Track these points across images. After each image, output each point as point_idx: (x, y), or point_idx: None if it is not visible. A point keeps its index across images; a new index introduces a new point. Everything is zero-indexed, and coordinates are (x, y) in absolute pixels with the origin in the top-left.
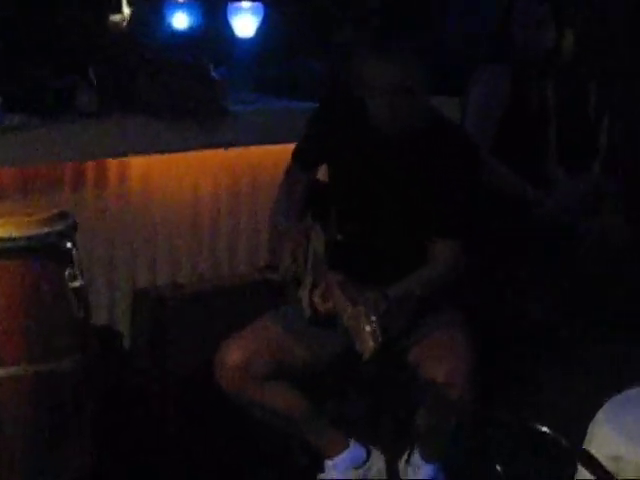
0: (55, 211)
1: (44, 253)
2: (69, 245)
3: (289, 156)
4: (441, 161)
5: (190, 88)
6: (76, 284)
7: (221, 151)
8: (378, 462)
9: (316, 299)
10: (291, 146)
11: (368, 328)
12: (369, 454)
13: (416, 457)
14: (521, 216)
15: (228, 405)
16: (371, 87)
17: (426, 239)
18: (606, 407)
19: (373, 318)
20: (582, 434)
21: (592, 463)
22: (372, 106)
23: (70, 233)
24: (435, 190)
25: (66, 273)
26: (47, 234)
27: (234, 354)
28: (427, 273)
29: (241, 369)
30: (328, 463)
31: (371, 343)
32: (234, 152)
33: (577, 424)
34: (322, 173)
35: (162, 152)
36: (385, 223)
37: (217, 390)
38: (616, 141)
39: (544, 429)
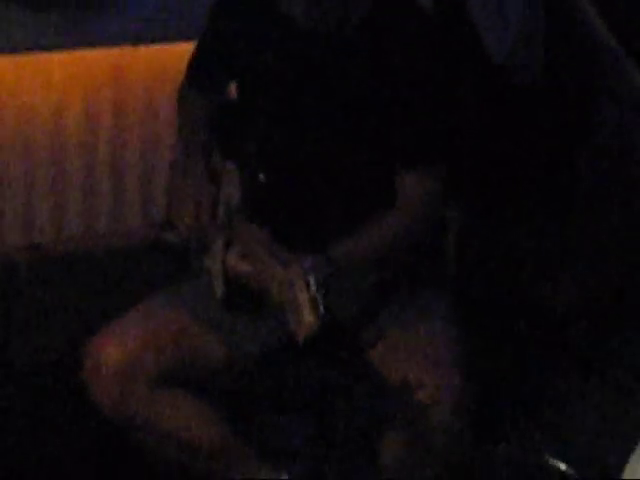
0: None
1: None
2: None
3: None
4: (399, 55)
5: None
6: None
7: (101, 51)
8: None
9: (232, 262)
10: None
11: (305, 296)
12: None
13: None
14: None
15: (100, 421)
16: None
17: (385, 173)
18: None
19: (312, 283)
20: (616, 471)
21: None
22: None
23: None
24: (392, 98)
25: None
26: None
27: (112, 349)
28: (386, 221)
29: (122, 372)
30: None
31: (309, 318)
32: (118, 52)
33: (609, 457)
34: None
35: (17, 53)
36: (324, 153)
37: (84, 399)
38: None
39: (564, 467)
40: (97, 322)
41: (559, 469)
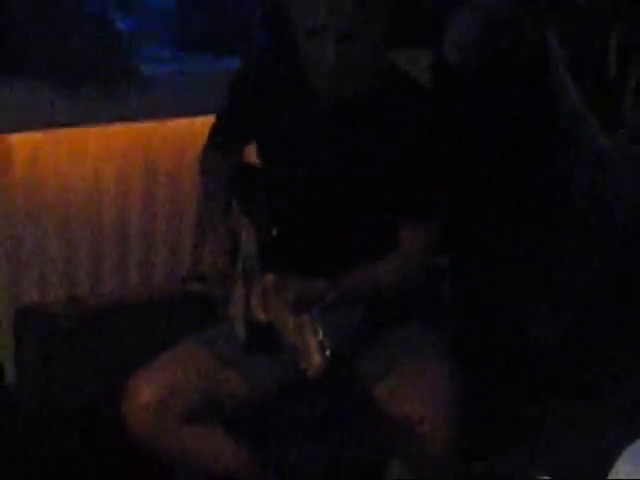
0: None
1: None
2: None
3: None
4: (401, 127)
5: (89, 45)
6: None
7: (130, 125)
8: None
9: (253, 313)
10: None
11: (313, 339)
12: None
13: None
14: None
15: (140, 456)
16: (310, 31)
17: (387, 227)
18: (627, 455)
19: (319, 330)
20: None
21: None
22: (310, 58)
23: None
24: (395, 164)
25: None
26: None
27: (147, 388)
28: (385, 263)
29: (157, 408)
30: None
31: (317, 357)
32: (147, 126)
33: (591, 470)
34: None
35: (54, 127)
36: (333, 212)
37: (124, 435)
38: None
39: None
40: (132, 366)
41: None
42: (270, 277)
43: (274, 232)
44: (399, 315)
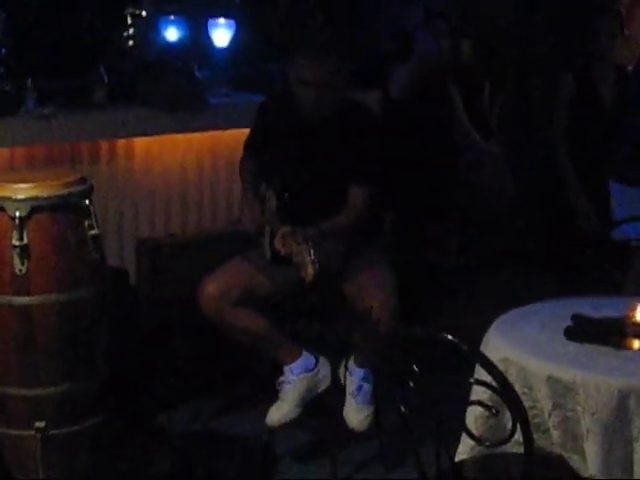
0: (76, 176)
1: (68, 208)
2: (87, 202)
3: None
4: (352, 132)
5: (179, 85)
6: (93, 232)
7: (202, 133)
8: (325, 367)
9: (275, 244)
10: None
11: (308, 258)
12: (318, 361)
13: (352, 364)
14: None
15: (210, 326)
16: (300, 81)
17: (345, 189)
18: (497, 322)
19: (312, 252)
20: (480, 343)
21: (487, 363)
22: (299, 96)
23: (88, 193)
24: (348, 154)
25: (85, 224)
26: (70, 194)
27: (211, 286)
28: (345, 213)
29: (217, 297)
30: (285, 369)
31: (311, 270)
32: (213, 134)
33: (476, 337)
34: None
35: (158, 134)
36: (315, 183)
37: (200, 314)
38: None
39: (449, 337)
40: (205, 273)
41: (446, 339)
42: (285, 227)
43: (286, 197)
44: (362, 244)
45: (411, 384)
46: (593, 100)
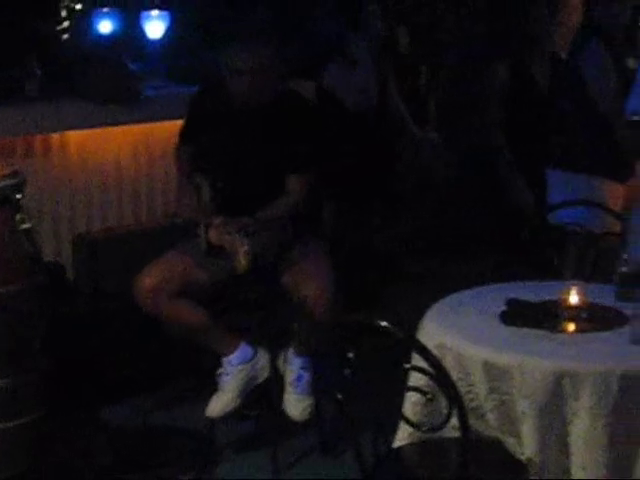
0: (8, 170)
1: None
2: (19, 196)
3: None
4: (288, 121)
5: (113, 78)
6: (25, 226)
7: (138, 125)
8: (264, 358)
9: (209, 235)
10: None
11: (241, 249)
12: (256, 352)
13: (290, 354)
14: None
15: (150, 320)
16: (233, 70)
17: (281, 178)
18: (433, 308)
19: (245, 242)
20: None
21: (422, 349)
22: (233, 85)
23: (20, 187)
24: (284, 143)
25: (17, 217)
26: (1, 187)
27: (147, 279)
28: (282, 201)
29: (153, 291)
30: (224, 360)
31: (243, 260)
32: (148, 126)
33: (416, 323)
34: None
35: (93, 127)
36: (250, 172)
37: (138, 307)
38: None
39: (385, 324)
40: (141, 266)
41: (383, 326)
42: (218, 218)
43: (219, 185)
44: (300, 233)
45: (347, 372)
46: (528, 87)
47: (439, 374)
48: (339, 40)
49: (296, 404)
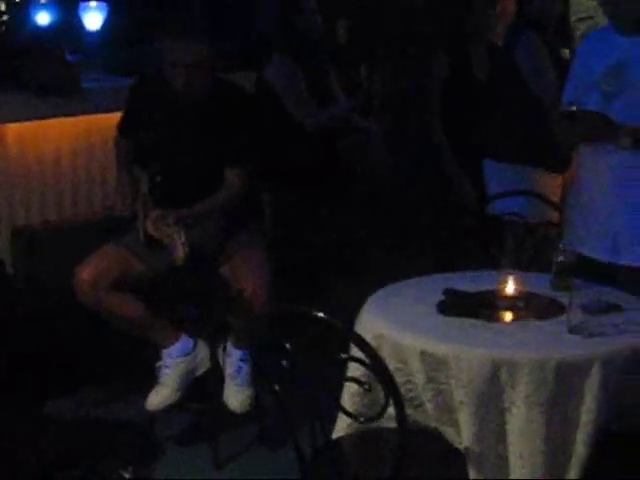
0: None
1: None
2: None
3: None
4: (225, 113)
5: (51, 69)
6: None
7: (76, 117)
8: (203, 350)
9: (148, 227)
10: None
11: (179, 241)
12: (196, 344)
13: (229, 345)
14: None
15: (91, 313)
16: (170, 63)
17: (220, 171)
18: (371, 299)
19: (182, 234)
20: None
21: (359, 340)
22: (169, 77)
23: None
24: (222, 135)
25: None
26: None
27: (85, 273)
28: (220, 194)
29: (91, 284)
30: (164, 352)
31: (181, 253)
32: (87, 118)
33: (356, 314)
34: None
35: (31, 120)
36: (188, 164)
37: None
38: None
39: (322, 315)
40: (80, 259)
41: (320, 317)
42: (156, 211)
43: (158, 178)
44: (238, 226)
45: (284, 363)
46: (466, 78)
47: (375, 364)
48: (279, 34)
49: (236, 396)
